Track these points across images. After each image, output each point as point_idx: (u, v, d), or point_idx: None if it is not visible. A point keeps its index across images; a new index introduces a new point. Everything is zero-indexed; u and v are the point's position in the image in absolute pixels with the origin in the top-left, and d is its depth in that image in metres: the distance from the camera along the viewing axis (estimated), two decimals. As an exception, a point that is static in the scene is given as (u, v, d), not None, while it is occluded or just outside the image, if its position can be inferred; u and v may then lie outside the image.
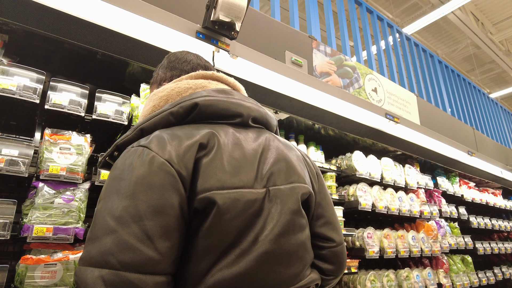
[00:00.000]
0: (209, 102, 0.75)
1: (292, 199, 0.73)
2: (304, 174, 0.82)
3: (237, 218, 0.64)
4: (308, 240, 0.77)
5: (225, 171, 0.66)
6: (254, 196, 0.67)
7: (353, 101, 2.62)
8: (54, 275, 1.36)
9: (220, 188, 0.64)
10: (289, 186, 0.75)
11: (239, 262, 0.62)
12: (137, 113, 1.69)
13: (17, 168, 1.37)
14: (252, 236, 0.65)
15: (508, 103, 12.54)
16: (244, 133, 0.78)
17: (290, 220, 0.71)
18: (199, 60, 0.99)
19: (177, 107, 0.73)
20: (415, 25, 7.81)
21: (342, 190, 2.82)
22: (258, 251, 0.64)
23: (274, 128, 0.93)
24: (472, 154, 3.95)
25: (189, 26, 1.77)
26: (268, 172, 0.73)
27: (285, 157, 0.80)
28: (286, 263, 0.68)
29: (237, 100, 0.80)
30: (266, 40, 2.70)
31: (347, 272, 2.35)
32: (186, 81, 0.84)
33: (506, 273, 4.18)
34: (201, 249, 0.63)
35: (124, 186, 0.60)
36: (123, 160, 0.66)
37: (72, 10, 1.42)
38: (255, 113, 0.83)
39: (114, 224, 0.57)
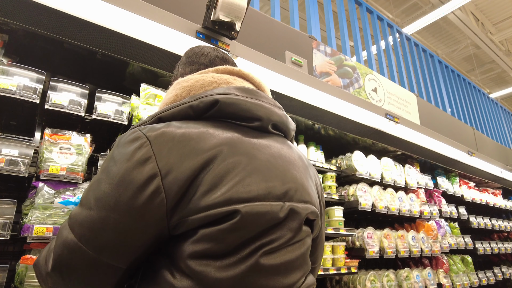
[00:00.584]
0: (230, 100, 0.72)
1: (301, 217, 0.72)
2: (315, 197, 0.80)
3: (245, 231, 0.63)
4: (308, 251, 0.76)
5: (239, 182, 0.64)
6: (268, 209, 0.65)
7: (353, 101, 2.62)
8: (54, 275, 1.36)
9: (236, 202, 0.62)
10: (303, 206, 0.72)
11: (236, 267, 0.61)
12: (137, 113, 1.69)
13: (17, 168, 1.37)
14: (255, 245, 0.64)
15: (508, 103, 12.54)
16: (263, 140, 0.74)
17: (295, 236, 0.71)
18: (217, 52, 0.97)
19: (197, 101, 0.71)
20: (415, 25, 7.81)
21: (342, 190, 2.82)
22: (259, 260, 0.63)
23: (292, 135, 0.89)
24: (472, 154, 3.95)
25: (189, 26, 1.77)
26: (286, 185, 0.70)
27: (302, 173, 0.78)
28: (284, 273, 0.68)
29: (260, 102, 0.76)
30: (266, 40, 2.70)
31: (347, 272, 2.35)
32: (212, 74, 0.81)
33: (506, 273, 4.18)
34: (192, 253, 0.62)
35: (113, 171, 0.63)
36: (125, 138, 0.66)
37: (72, 10, 1.42)
38: (276, 118, 0.79)
39: (93, 203, 0.62)
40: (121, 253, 0.61)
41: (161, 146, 0.63)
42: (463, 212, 3.92)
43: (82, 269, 0.61)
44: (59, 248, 0.62)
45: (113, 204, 0.60)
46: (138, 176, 0.60)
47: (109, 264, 0.61)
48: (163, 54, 1.69)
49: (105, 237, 0.60)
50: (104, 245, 0.60)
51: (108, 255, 0.60)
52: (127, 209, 0.60)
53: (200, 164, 0.62)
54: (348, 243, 2.66)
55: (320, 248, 0.91)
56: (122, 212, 0.60)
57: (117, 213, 0.60)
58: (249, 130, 0.74)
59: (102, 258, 0.60)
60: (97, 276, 0.62)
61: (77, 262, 0.61)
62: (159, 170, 0.61)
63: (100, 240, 0.60)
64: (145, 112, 1.68)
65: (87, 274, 0.61)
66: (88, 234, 0.60)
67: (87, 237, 0.60)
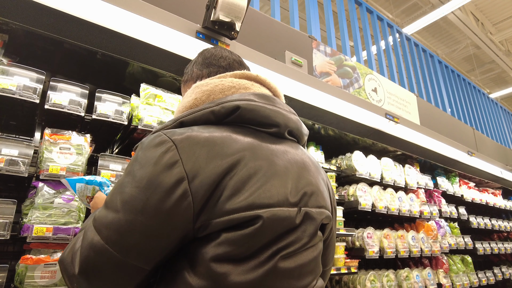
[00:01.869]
0: (251, 107, 0.73)
1: (316, 223, 0.74)
2: (328, 201, 0.82)
3: (265, 236, 0.64)
4: (319, 255, 0.78)
5: (260, 187, 0.65)
6: (287, 214, 0.67)
7: (353, 101, 2.62)
8: (54, 275, 1.36)
9: (257, 207, 0.63)
10: (318, 211, 0.74)
11: (255, 271, 0.63)
12: (137, 113, 1.69)
13: (17, 168, 1.37)
14: (273, 250, 0.65)
15: (508, 103, 12.54)
16: (280, 146, 0.76)
17: (310, 241, 0.73)
18: (234, 56, 0.99)
19: (219, 107, 0.73)
20: (415, 25, 7.81)
21: (342, 190, 2.82)
22: (277, 264, 0.65)
23: (304, 140, 0.90)
24: (472, 154, 3.95)
25: (189, 26, 1.77)
26: (301, 191, 0.72)
27: (316, 178, 0.80)
28: (298, 277, 0.69)
29: (278, 109, 0.78)
30: (266, 40, 2.70)
31: (347, 272, 2.35)
32: (231, 79, 0.83)
33: (506, 273, 4.18)
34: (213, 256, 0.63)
35: (139, 174, 0.64)
36: (150, 142, 0.67)
37: (72, 10, 1.42)
38: (292, 125, 0.81)
39: (120, 206, 0.63)
40: (147, 255, 0.62)
41: (187, 150, 0.64)
42: (463, 212, 3.92)
43: (108, 271, 0.62)
44: (86, 250, 0.63)
45: (140, 207, 0.61)
46: (166, 180, 0.61)
47: (134, 266, 0.62)
48: (163, 54, 1.69)
49: (132, 240, 0.61)
50: (131, 247, 0.61)
51: (135, 257, 0.61)
52: (154, 212, 0.61)
53: (224, 168, 0.64)
54: (348, 243, 2.66)
55: (331, 250, 0.92)
56: (150, 215, 0.61)
57: (144, 216, 0.61)
58: (267, 136, 0.76)
59: (129, 260, 0.61)
60: (122, 278, 0.63)
61: (103, 264, 0.61)
62: (186, 174, 0.62)
63: (127, 242, 0.61)
64: (145, 112, 1.68)
65: (113, 276, 0.62)
66: (115, 237, 0.61)
67: (113, 239, 0.61)
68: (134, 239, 0.61)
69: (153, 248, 0.62)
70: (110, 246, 0.61)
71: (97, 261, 0.62)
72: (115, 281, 0.63)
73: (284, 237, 0.67)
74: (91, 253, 0.62)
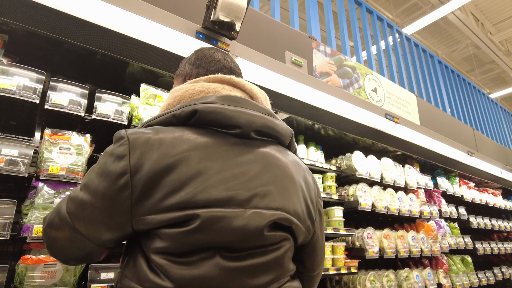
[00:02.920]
0: (209, 109, 0.75)
1: (262, 224, 0.71)
2: (297, 204, 0.79)
3: (206, 234, 0.66)
4: (285, 256, 0.76)
5: (199, 187, 0.68)
6: (228, 215, 0.68)
7: (353, 101, 2.62)
8: (54, 275, 1.36)
9: (193, 206, 0.66)
10: (270, 212, 0.72)
11: (195, 267, 0.66)
12: (137, 113, 1.69)
13: (17, 168, 1.37)
14: (214, 248, 0.68)
15: (508, 103, 12.54)
16: (241, 146, 0.77)
17: (260, 240, 0.71)
18: (226, 61, 1.00)
19: (179, 111, 0.77)
20: (415, 25, 7.81)
21: (342, 190, 2.82)
22: (221, 262, 0.67)
23: (287, 140, 0.89)
24: (472, 154, 3.95)
25: (189, 26, 1.77)
26: (252, 192, 0.72)
27: (283, 180, 0.78)
28: (251, 276, 0.69)
29: (241, 109, 0.78)
30: (266, 40, 2.70)
31: (347, 272, 2.35)
32: (201, 83, 0.85)
33: (506, 273, 4.18)
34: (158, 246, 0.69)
35: (100, 162, 0.74)
36: (115, 137, 0.76)
37: (72, 10, 1.42)
38: (258, 125, 0.79)
39: (83, 186, 0.75)
40: (92, 231, 0.72)
41: (136, 146, 0.70)
42: (463, 212, 3.92)
43: (64, 235, 0.74)
44: (54, 213, 0.77)
45: (93, 190, 0.71)
46: (113, 170, 0.70)
47: (82, 237, 0.72)
48: (163, 54, 1.69)
49: (83, 215, 0.72)
50: (81, 220, 0.72)
51: (83, 229, 0.72)
52: (101, 196, 0.70)
53: (164, 167, 0.68)
54: (348, 243, 2.66)
55: (314, 256, 0.89)
56: (98, 197, 0.70)
57: (94, 198, 0.71)
58: (230, 137, 0.77)
59: (79, 230, 0.72)
60: (74, 244, 0.74)
61: (62, 227, 0.74)
62: (130, 167, 0.69)
63: (80, 215, 0.72)
64: (145, 112, 1.68)
65: (67, 240, 0.75)
66: (73, 209, 0.73)
67: (72, 211, 0.73)
68: (85, 214, 0.71)
69: (97, 226, 0.71)
70: (68, 215, 0.73)
71: (58, 223, 0.75)
72: (69, 244, 0.75)
73: (228, 237, 0.67)
74: (57, 216, 0.75)
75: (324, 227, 2.30)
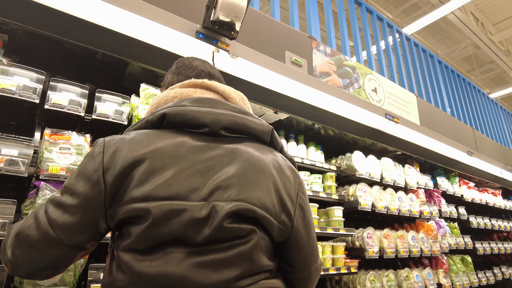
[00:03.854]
0: (175, 112, 0.80)
1: (221, 215, 0.71)
2: (263, 196, 0.77)
3: (166, 228, 0.68)
4: (254, 249, 0.74)
5: (161, 181, 0.71)
6: (186, 208, 0.70)
7: (353, 101, 2.62)
8: (54, 275, 1.36)
9: (153, 199, 0.69)
10: (232, 205, 0.72)
11: (166, 262, 0.67)
12: (136, 113, 1.69)
13: (16, 168, 1.37)
14: (177, 242, 0.69)
15: (508, 103, 12.55)
16: (209, 143, 0.79)
17: (222, 232, 0.71)
18: (204, 67, 1.05)
19: (152, 116, 0.82)
20: (415, 25, 7.82)
21: (342, 190, 2.82)
22: (183, 256, 0.68)
23: (266, 136, 0.89)
24: (472, 154, 3.95)
25: (189, 26, 1.77)
26: (214, 184, 0.73)
27: (248, 172, 0.77)
28: (215, 269, 0.69)
29: (208, 109, 0.82)
30: (266, 40, 2.70)
31: (346, 272, 2.35)
32: (176, 89, 0.91)
33: (506, 273, 4.19)
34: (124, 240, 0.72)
35: (80, 165, 0.79)
36: (93, 144, 0.81)
37: (72, 10, 1.42)
38: (226, 123, 0.81)
39: (62, 188, 0.79)
40: (65, 228, 0.73)
41: (110, 147, 0.76)
42: (462, 212, 3.92)
43: (38, 234, 0.74)
44: (33, 213, 0.78)
45: (71, 188, 0.75)
46: (88, 168, 0.75)
47: (56, 235, 0.73)
48: (163, 54, 1.69)
49: (57, 212, 0.74)
50: (56, 218, 0.74)
51: (56, 227, 0.73)
52: (77, 193, 0.74)
53: (131, 162, 0.72)
54: (348, 243, 2.66)
55: (297, 253, 0.85)
56: (74, 195, 0.74)
57: (71, 196, 0.74)
58: (200, 135, 0.81)
59: (53, 228, 0.73)
60: (46, 243, 0.74)
61: (35, 229, 0.74)
62: (103, 165, 0.73)
63: (54, 214, 0.74)
64: (145, 112, 1.68)
65: (39, 242, 0.74)
66: (50, 209, 0.76)
67: (49, 210, 0.76)
68: (59, 212, 0.74)
69: (70, 223, 0.73)
70: (46, 214, 0.75)
71: (31, 225, 0.75)
72: (38, 247, 0.74)
73: (189, 230, 0.69)
74: (32, 219, 0.77)
75: (320, 227, 2.32)
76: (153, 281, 0.66)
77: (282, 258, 0.85)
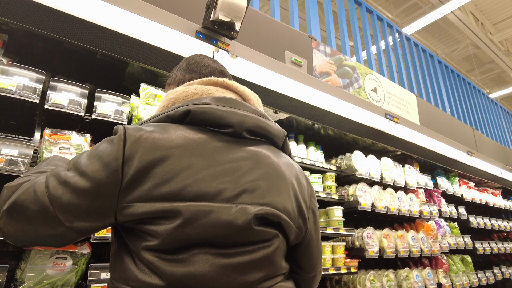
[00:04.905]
0: (201, 110, 0.78)
1: (249, 219, 0.71)
2: (287, 202, 0.79)
3: (195, 229, 0.67)
4: (275, 253, 0.76)
5: (188, 181, 0.69)
6: (214, 209, 0.69)
7: (353, 101, 2.62)
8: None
9: (181, 199, 0.67)
10: (259, 208, 0.72)
11: (192, 263, 0.66)
12: (136, 113, 1.69)
13: (16, 168, 1.37)
14: (205, 244, 0.69)
15: (508, 103, 12.55)
16: (232, 144, 0.78)
17: (248, 236, 0.71)
18: (216, 65, 1.04)
19: (173, 111, 0.79)
20: (415, 25, 7.82)
21: (342, 190, 2.82)
22: (212, 258, 0.67)
23: (280, 141, 0.90)
24: (472, 154, 3.95)
25: (189, 26, 1.77)
26: (241, 188, 0.73)
27: (272, 177, 0.78)
28: (242, 272, 0.70)
29: (233, 110, 0.80)
30: (266, 40, 2.70)
31: (346, 272, 2.35)
32: (195, 86, 0.88)
33: (506, 273, 4.19)
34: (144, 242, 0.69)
35: (97, 148, 0.74)
36: (114, 130, 0.77)
37: (72, 10, 1.42)
38: (249, 125, 0.81)
39: (71, 165, 0.74)
40: (67, 209, 0.69)
41: (132, 137, 0.72)
42: (462, 212, 3.92)
43: (34, 209, 0.69)
44: (30, 184, 0.73)
45: (82, 169, 0.70)
46: (107, 154, 0.70)
47: (55, 215, 0.69)
48: (163, 54, 1.69)
49: (62, 191, 0.69)
50: (59, 196, 0.69)
51: (57, 206, 0.69)
52: (89, 176, 0.69)
53: (156, 158, 0.69)
54: (347, 243, 2.66)
55: (308, 256, 0.89)
56: (86, 176, 0.69)
57: (79, 176, 0.70)
58: (222, 136, 0.79)
59: (53, 206, 0.69)
60: (42, 221, 0.70)
61: (34, 202, 0.70)
62: (124, 154, 0.69)
63: (59, 191, 0.69)
64: (145, 112, 1.68)
65: (36, 216, 0.70)
66: (53, 183, 0.71)
67: (51, 185, 0.71)
68: (64, 190, 0.69)
69: (75, 205, 0.69)
70: (47, 189, 0.70)
71: (30, 196, 0.70)
72: (35, 220, 0.70)
73: (214, 231, 0.68)
74: (31, 188, 0.72)
75: (320, 227, 2.31)
76: (180, 282, 0.65)
77: (292, 260, 0.87)
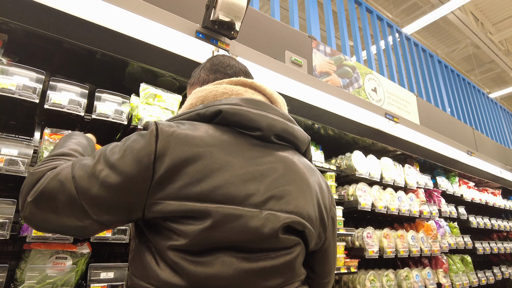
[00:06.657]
0: (233, 111, 0.77)
1: (277, 227, 0.72)
2: (310, 210, 0.79)
3: (223, 233, 0.67)
4: (296, 260, 0.77)
5: (219, 182, 0.69)
6: (243, 214, 0.69)
7: (352, 101, 2.62)
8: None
9: (211, 200, 0.67)
10: (285, 216, 0.73)
11: (216, 265, 0.66)
12: (136, 113, 1.69)
13: (16, 167, 1.37)
14: (230, 247, 0.68)
15: (508, 103, 12.55)
16: (260, 148, 0.78)
17: (273, 242, 0.72)
18: (240, 66, 1.05)
19: (204, 110, 0.79)
20: (415, 25, 7.81)
21: (342, 190, 2.82)
22: (236, 262, 0.68)
23: (304, 146, 0.91)
24: (472, 154, 3.95)
25: (189, 25, 1.77)
26: (269, 193, 0.73)
27: (298, 185, 0.79)
28: (263, 277, 0.70)
29: (263, 113, 0.80)
30: (266, 40, 2.70)
31: (346, 271, 2.35)
32: (225, 85, 0.88)
33: (506, 272, 4.19)
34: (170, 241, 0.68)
35: (126, 143, 0.73)
36: (144, 125, 0.76)
37: (72, 10, 1.42)
38: (278, 130, 0.81)
39: (98, 156, 0.72)
40: (95, 202, 0.68)
41: (164, 134, 0.70)
42: (462, 212, 3.92)
43: (61, 200, 0.68)
44: (56, 173, 0.71)
45: (112, 162, 0.69)
46: (140, 148, 0.69)
47: (82, 206, 0.68)
48: (163, 54, 1.69)
49: (90, 183, 0.68)
50: (87, 188, 0.68)
51: (85, 198, 0.68)
52: (119, 170, 0.68)
53: (189, 156, 0.69)
54: (347, 242, 2.66)
55: (324, 263, 0.90)
56: (117, 170, 0.68)
57: (111, 170, 0.68)
58: (251, 139, 0.79)
59: (80, 198, 0.68)
60: (68, 212, 0.69)
61: (60, 191, 0.69)
62: (156, 150, 0.68)
63: (86, 183, 0.68)
64: (145, 111, 1.68)
65: (63, 206, 0.68)
66: (81, 174, 0.69)
67: (78, 175, 0.69)
68: (92, 183, 0.68)
69: (104, 199, 0.68)
70: (74, 179, 0.69)
71: (55, 187, 0.69)
72: (61, 211, 0.69)
73: (243, 236, 0.68)
74: (57, 177, 0.70)
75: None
76: (203, 284, 0.65)
77: (307, 266, 0.87)
